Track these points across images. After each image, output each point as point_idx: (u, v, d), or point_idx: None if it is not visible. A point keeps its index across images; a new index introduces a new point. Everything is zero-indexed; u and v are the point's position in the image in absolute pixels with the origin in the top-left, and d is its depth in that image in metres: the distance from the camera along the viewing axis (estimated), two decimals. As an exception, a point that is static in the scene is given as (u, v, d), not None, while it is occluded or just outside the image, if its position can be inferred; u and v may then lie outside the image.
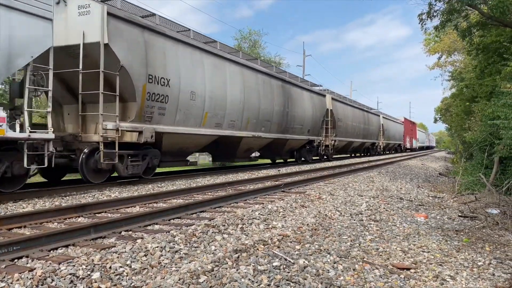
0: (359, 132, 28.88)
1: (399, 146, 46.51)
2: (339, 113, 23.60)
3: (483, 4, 11.26)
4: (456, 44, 25.21)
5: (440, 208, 7.65)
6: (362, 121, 29.26)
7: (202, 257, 3.76)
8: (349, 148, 28.13)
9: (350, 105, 27.30)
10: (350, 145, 27.32)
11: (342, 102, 25.42)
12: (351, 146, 27.87)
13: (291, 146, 18.40)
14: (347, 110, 25.71)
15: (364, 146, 31.45)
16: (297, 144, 18.94)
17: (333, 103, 22.70)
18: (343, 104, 25.31)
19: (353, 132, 26.84)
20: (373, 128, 32.91)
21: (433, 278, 3.65)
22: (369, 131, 31.57)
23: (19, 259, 3.62)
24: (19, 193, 7.40)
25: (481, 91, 14.72)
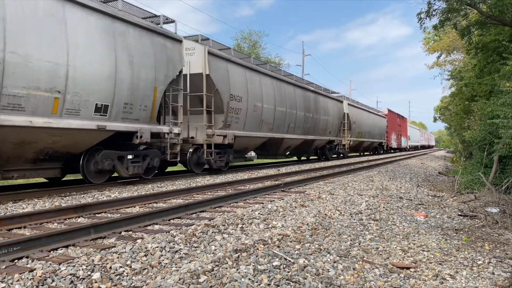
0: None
1: (380, 146, 36.47)
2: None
3: (482, 3, 11.27)
4: (456, 43, 25.23)
5: (439, 207, 7.65)
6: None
7: (202, 257, 3.76)
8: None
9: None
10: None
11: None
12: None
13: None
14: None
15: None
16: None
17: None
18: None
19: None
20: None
21: (433, 277, 3.65)
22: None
23: (19, 259, 3.62)
24: (18, 193, 7.40)
25: (480, 90, 14.74)
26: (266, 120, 15.33)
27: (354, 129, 27.26)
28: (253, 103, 14.35)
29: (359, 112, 29.27)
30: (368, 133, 31.10)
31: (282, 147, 17.91)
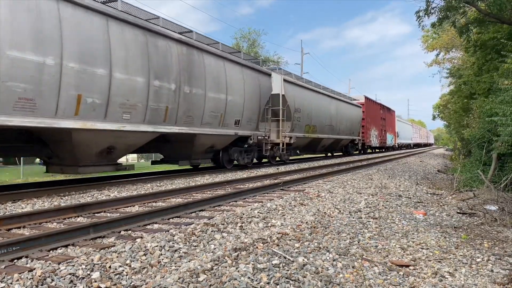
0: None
1: (352, 144, 28.25)
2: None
3: (480, 1, 11.26)
4: (454, 41, 25.22)
5: (438, 205, 7.66)
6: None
7: (202, 256, 3.76)
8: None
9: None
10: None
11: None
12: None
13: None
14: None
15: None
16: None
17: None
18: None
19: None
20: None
21: (432, 275, 3.66)
22: None
23: (18, 259, 3.62)
24: (18, 193, 7.40)
25: (479, 88, 14.74)
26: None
27: (299, 120, 20.43)
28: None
29: (307, 96, 21.18)
30: (329, 127, 23.52)
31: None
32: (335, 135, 23.71)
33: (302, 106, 19.04)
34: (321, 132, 21.61)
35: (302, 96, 19.24)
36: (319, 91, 22.00)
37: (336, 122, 23.85)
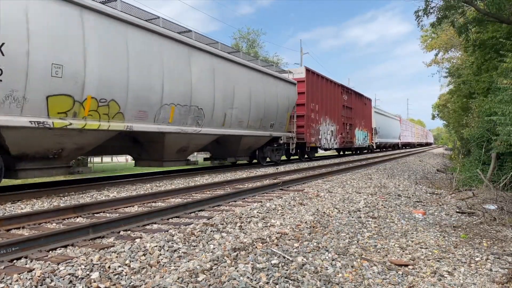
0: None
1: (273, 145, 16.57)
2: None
3: (479, 0, 11.27)
4: (453, 40, 25.24)
5: (438, 204, 7.67)
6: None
7: (201, 256, 3.77)
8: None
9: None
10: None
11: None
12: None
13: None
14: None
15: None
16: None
17: None
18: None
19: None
20: None
21: (431, 274, 3.67)
22: None
23: (18, 259, 3.62)
24: (17, 194, 7.39)
25: (478, 87, 14.75)
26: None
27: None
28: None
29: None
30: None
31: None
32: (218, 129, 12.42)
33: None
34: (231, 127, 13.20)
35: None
36: None
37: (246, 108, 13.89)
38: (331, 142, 22.77)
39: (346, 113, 25.82)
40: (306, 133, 19.03)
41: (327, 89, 22.10)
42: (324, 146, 21.63)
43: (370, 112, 33.38)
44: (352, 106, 27.17)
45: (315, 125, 20.23)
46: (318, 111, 20.62)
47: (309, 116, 19.40)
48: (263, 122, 15.07)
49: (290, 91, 17.44)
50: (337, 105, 23.96)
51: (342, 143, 24.87)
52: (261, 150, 16.38)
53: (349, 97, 26.60)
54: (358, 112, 29.05)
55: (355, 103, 28.18)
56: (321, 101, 21.10)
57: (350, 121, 26.73)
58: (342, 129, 24.86)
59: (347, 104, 25.98)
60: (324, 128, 21.53)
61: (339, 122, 24.21)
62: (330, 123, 22.62)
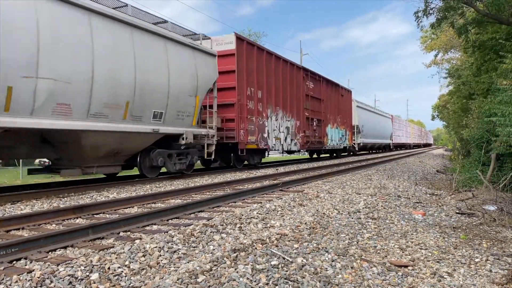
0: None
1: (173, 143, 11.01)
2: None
3: (479, 1, 11.29)
4: (453, 41, 25.28)
5: (437, 205, 7.67)
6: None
7: (201, 257, 3.77)
8: None
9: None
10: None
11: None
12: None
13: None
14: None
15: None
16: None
17: None
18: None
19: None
20: None
21: (430, 275, 3.67)
22: None
23: (17, 260, 3.62)
24: (17, 195, 7.39)
25: (477, 88, 14.78)
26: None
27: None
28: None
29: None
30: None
31: None
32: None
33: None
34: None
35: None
36: None
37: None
38: (286, 142, 17.15)
39: (313, 105, 20.18)
40: (239, 130, 13.27)
41: (279, 71, 16.45)
42: (275, 147, 16.13)
43: (350, 107, 27.74)
44: (322, 97, 21.54)
45: (257, 118, 14.58)
46: (263, 100, 15.00)
47: (243, 105, 13.65)
48: (134, 110, 9.08)
49: (202, 66, 11.35)
50: (297, 94, 18.24)
51: (306, 143, 19.22)
52: (145, 156, 10.31)
53: (316, 85, 20.76)
54: (332, 106, 23.44)
55: (327, 94, 22.54)
56: (267, 86, 15.32)
57: (319, 115, 20.99)
58: (306, 126, 19.21)
59: (313, 94, 20.18)
60: (273, 124, 15.84)
61: (300, 116, 18.60)
62: (285, 117, 16.98)
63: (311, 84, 20.06)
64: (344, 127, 25.72)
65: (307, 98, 19.44)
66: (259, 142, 14.62)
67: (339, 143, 24.50)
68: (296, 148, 18.40)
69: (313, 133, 20.22)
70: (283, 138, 16.90)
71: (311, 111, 19.98)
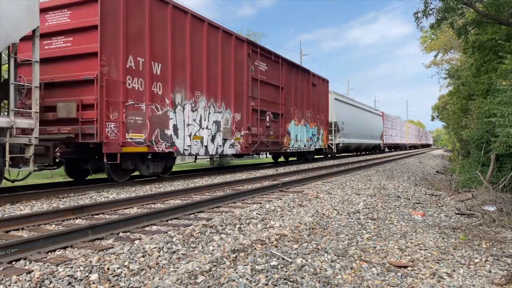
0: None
1: None
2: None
3: (478, 2, 11.29)
4: (452, 42, 25.30)
5: (437, 206, 7.68)
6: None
7: (200, 257, 3.77)
8: None
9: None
10: None
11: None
12: None
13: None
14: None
15: None
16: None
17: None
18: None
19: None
20: None
21: (430, 276, 3.67)
22: None
23: (17, 261, 3.62)
24: (16, 195, 7.39)
25: (477, 88, 14.80)
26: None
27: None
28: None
29: None
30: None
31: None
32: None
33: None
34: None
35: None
36: None
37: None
38: (215, 143, 12.23)
39: (266, 93, 15.29)
40: (103, 122, 8.54)
41: (201, 39, 11.49)
42: (190, 150, 11.11)
43: (326, 100, 22.72)
44: (282, 84, 16.71)
45: (151, 106, 9.70)
46: (164, 79, 10.13)
47: (116, 83, 8.87)
48: None
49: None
50: (236, 76, 13.32)
51: (252, 144, 14.15)
52: None
53: (272, 68, 15.95)
54: (298, 97, 18.59)
55: (291, 81, 17.69)
56: (175, 58, 10.47)
57: (276, 108, 16.19)
58: (254, 121, 14.35)
59: (266, 78, 15.27)
60: (187, 116, 10.93)
61: (243, 107, 13.74)
62: (213, 107, 12.15)
63: (262, 65, 15.13)
64: (315, 124, 20.84)
65: (254, 84, 14.48)
66: (155, 143, 9.74)
67: (308, 144, 19.76)
68: (233, 151, 13.23)
69: (266, 130, 15.24)
70: (209, 137, 11.98)
71: (262, 101, 15.01)
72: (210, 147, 12.07)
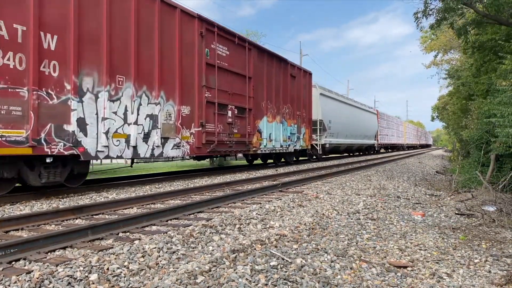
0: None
1: None
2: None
3: (478, 2, 11.30)
4: (452, 42, 25.31)
5: (437, 206, 7.68)
6: None
7: (200, 258, 3.77)
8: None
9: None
10: None
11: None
12: None
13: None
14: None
15: None
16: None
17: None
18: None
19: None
20: None
21: (429, 276, 3.67)
22: None
23: (16, 261, 3.62)
24: (16, 196, 7.39)
25: (477, 89, 14.81)
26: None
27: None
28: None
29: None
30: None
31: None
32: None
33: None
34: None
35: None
36: None
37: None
38: (150, 143, 9.56)
39: (226, 83, 12.69)
40: None
41: (128, 8, 9.13)
42: (114, 153, 8.72)
43: (309, 94, 20.04)
44: (250, 74, 14.14)
45: (38, 93, 7.20)
46: (62, 56, 7.69)
47: None
48: None
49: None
50: (182, 59, 10.76)
51: (208, 144, 11.65)
52: None
53: (237, 53, 13.36)
54: (273, 89, 16.14)
55: (263, 71, 15.25)
56: (81, 29, 8.04)
57: (243, 102, 13.64)
58: (210, 116, 11.79)
59: (227, 65, 12.75)
60: (102, 107, 8.49)
61: (194, 99, 11.20)
62: (146, 97, 9.58)
63: (222, 49, 12.58)
64: (295, 122, 18.31)
65: (211, 71, 11.91)
66: (46, 143, 7.36)
67: (286, 145, 17.30)
68: (178, 153, 10.55)
69: (227, 128, 12.75)
70: (139, 135, 9.23)
71: (222, 92, 12.48)
72: (141, 148, 9.29)
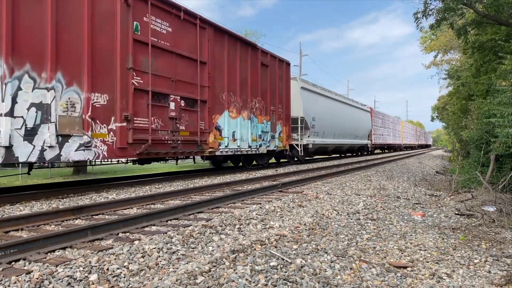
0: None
1: None
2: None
3: (478, 2, 11.30)
4: (452, 42, 25.32)
5: (437, 206, 7.68)
6: None
7: (200, 258, 3.77)
8: None
9: None
10: None
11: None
12: None
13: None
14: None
15: None
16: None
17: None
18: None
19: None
20: None
21: (429, 276, 3.67)
22: None
23: (16, 261, 3.62)
24: (16, 196, 7.39)
25: (477, 89, 14.81)
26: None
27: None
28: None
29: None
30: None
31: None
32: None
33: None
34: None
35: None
36: None
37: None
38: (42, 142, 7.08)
39: (170, 69, 10.42)
40: None
41: None
42: None
43: (287, 87, 17.69)
44: (205, 58, 11.74)
45: None
46: None
47: None
48: None
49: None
50: (98, 33, 8.32)
51: (136, 143, 9.22)
52: None
53: (183, 31, 10.92)
54: (236, 79, 13.47)
55: (223, 56, 12.75)
56: None
57: (194, 92, 11.30)
58: (140, 108, 9.45)
59: (170, 46, 10.41)
60: None
61: (115, 84, 8.79)
62: (38, 81, 7.13)
63: (161, 24, 10.13)
64: (268, 119, 15.75)
65: (142, 50, 9.54)
66: None
67: (256, 145, 14.75)
68: (87, 155, 8.09)
69: (170, 124, 10.38)
70: (16, 131, 6.78)
71: (162, 79, 10.13)
72: (20, 150, 6.82)
